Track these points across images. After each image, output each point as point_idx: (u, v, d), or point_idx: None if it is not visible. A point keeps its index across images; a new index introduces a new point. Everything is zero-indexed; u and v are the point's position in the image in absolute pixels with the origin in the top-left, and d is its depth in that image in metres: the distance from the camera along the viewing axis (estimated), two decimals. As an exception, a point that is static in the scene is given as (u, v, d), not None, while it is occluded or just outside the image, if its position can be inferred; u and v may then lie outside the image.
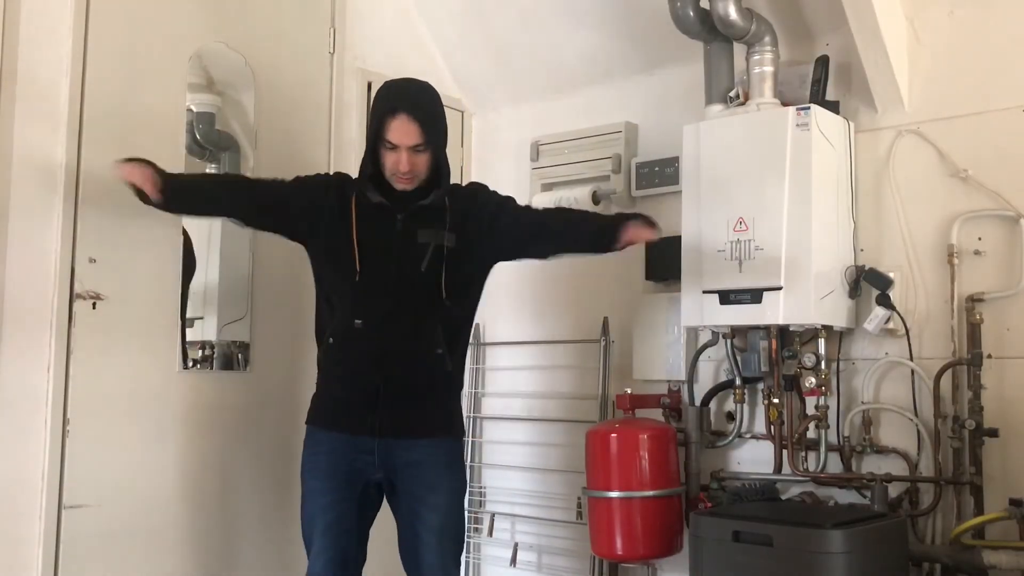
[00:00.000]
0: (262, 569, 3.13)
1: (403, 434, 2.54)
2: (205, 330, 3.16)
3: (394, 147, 2.47)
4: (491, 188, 2.75)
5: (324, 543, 2.52)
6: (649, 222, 2.57)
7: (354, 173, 2.66)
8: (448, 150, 3.97)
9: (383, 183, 2.55)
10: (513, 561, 3.69)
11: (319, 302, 2.68)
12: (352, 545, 2.57)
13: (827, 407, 2.94)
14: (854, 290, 2.92)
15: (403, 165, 2.47)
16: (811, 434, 3.00)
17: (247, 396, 3.14)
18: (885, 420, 2.96)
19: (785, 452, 3.00)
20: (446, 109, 3.86)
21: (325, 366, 2.63)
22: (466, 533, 3.81)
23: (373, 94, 3.60)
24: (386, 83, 2.61)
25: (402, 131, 2.45)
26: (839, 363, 2.99)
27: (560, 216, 2.84)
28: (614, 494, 3.00)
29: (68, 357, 2.69)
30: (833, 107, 2.95)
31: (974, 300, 2.79)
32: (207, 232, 3.22)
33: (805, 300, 2.79)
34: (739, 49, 3.05)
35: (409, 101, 2.50)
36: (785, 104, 2.92)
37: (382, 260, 2.52)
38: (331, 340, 2.57)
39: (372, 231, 2.54)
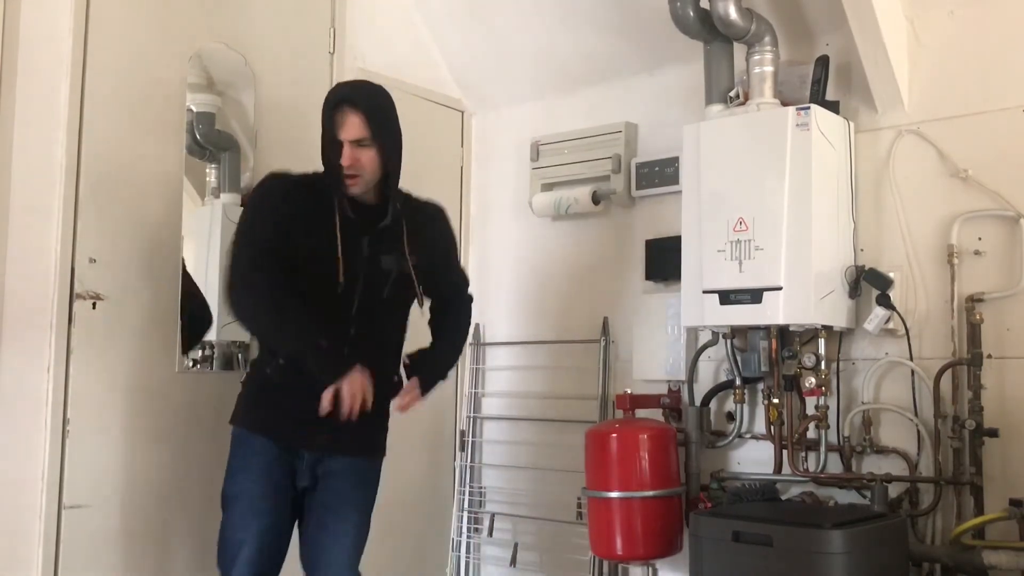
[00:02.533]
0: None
1: (342, 452, 2.50)
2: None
3: (338, 142, 2.41)
4: (448, 218, 2.72)
5: (253, 551, 2.42)
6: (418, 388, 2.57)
7: None
8: (448, 150, 4.03)
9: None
10: (513, 561, 3.69)
11: None
12: (279, 557, 2.49)
13: (827, 407, 2.94)
14: (854, 290, 2.92)
15: (347, 160, 2.39)
16: (811, 434, 3.00)
17: (247, 396, 3.13)
18: (885, 420, 2.96)
19: (785, 452, 3.00)
20: (446, 109, 3.96)
21: (274, 378, 2.48)
22: (462, 534, 3.84)
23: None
24: (336, 83, 2.54)
25: (345, 123, 2.39)
26: (839, 363, 2.99)
27: (449, 319, 2.75)
28: (614, 494, 3.00)
29: (68, 357, 2.69)
30: (833, 107, 2.95)
31: (974, 300, 2.79)
32: (207, 232, 3.22)
33: (805, 300, 2.79)
34: (739, 49, 3.05)
35: (355, 96, 2.44)
36: (785, 104, 2.92)
37: (350, 281, 2.45)
38: (282, 360, 2.45)
39: (347, 250, 2.45)
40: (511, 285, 3.87)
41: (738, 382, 3.12)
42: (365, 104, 2.41)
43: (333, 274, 2.42)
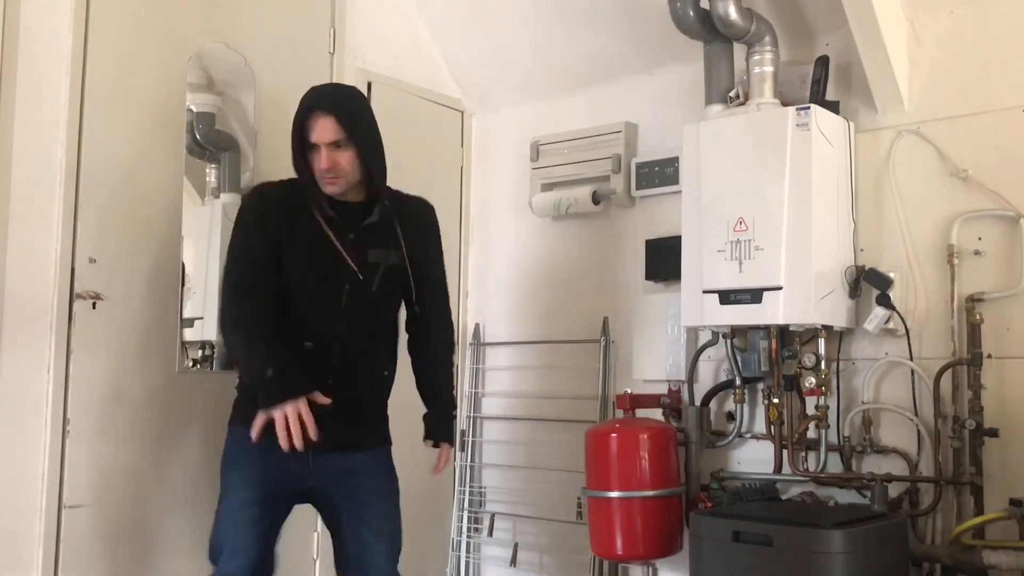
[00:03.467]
0: (262, 569, 3.13)
1: (343, 448, 2.49)
2: (205, 330, 3.16)
3: (315, 146, 2.41)
4: (436, 219, 2.72)
5: (246, 541, 2.41)
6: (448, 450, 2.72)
7: None
8: (448, 150, 4.03)
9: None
10: (513, 561, 3.69)
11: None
12: (271, 551, 2.48)
13: (827, 407, 2.94)
14: (854, 290, 2.92)
15: (324, 162, 2.39)
16: (811, 434, 3.00)
17: (247, 396, 3.13)
18: (885, 420, 2.96)
19: (785, 452, 3.00)
20: (446, 109, 3.97)
21: None
22: (462, 534, 3.85)
23: (378, 92, 3.63)
24: (310, 88, 2.52)
25: (319, 127, 2.39)
26: (839, 363, 2.99)
27: (435, 343, 2.73)
28: (614, 494, 3.01)
29: (68, 357, 2.69)
30: (833, 107, 2.96)
31: (974, 300, 2.79)
32: (207, 232, 3.22)
33: (805, 300, 2.79)
34: (739, 49, 3.05)
35: (325, 100, 2.44)
36: (785, 104, 2.92)
37: (336, 277, 2.47)
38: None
39: (328, 247, 2.47)
40: (511, 285, 3.87)
41: (738, 382, 3.12)
42: (335, 107, 2.42)
43: (320, 272, 2.45)
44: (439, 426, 2.69)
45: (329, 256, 2.46)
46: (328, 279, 2.46)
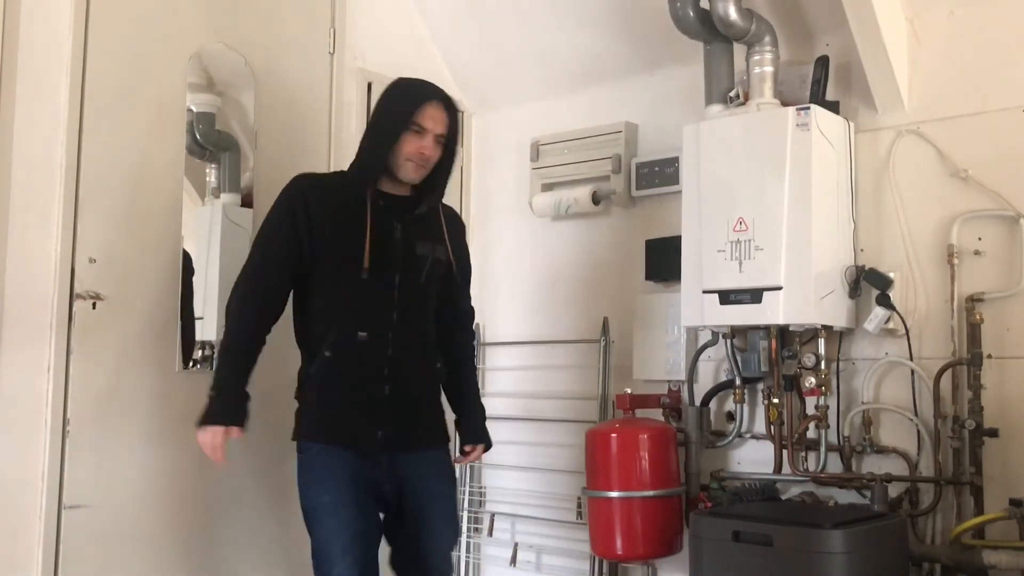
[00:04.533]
0: (262, 568, 3.13)
1: (410, 447, 2.51)
2: (205, 330, 3.16)
3: (422, 131, 2.47)
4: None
5: (355, 556, 2.39)
6: (483, 450, 2.77)
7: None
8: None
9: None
10: (513, 561, 3.69)
11: (307, 313, 2.56)
12: (376, 559, 2.48)
13: (827, 407, 2.94)
14: (854, 290, 2.92)
15: (428, 149, 2.47)
16: (811, 434, 3.00)
17: (247, 396, 3.13)
18: (885, 420, 2.96)
19: (785, 452, 3.00)
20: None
21: (320, 380, 2.50)
22: (464, 533, 3.85)
23: (378, 92, 3.59)
24: (404, 79, 2.61)
25: (436, 117, 2.49)
26: (839, 363, 2.99)
27: (463, 344, 2.80)
28: (614, 494, 3.01)
29: (68, 357, 2.69)
30: (833, 107, 2.95)
31: (974, 300, 2.79)
32: (207, 232, 3.22)
33: (805, 300, 2.79)
34: (739, 49, 3.05)
35: (441, 94, 2.55)
36: (785, 104, 2.92)
37: (387, 267, 2.49)
38: (328, 354, 2.46)
39: (378, 236, 2.49)
40: (511, 285, 3.87)
41: (738, 382, 3.12)
42: (449, 106, 2.53)
43: (363, 260, 2.46)
44: (481, 428, 2.74)
45: (379, 246, 2.48)
46: (379, 269, 2.47)
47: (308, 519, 2.47)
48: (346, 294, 2.48)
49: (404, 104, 2.51)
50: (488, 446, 2.77)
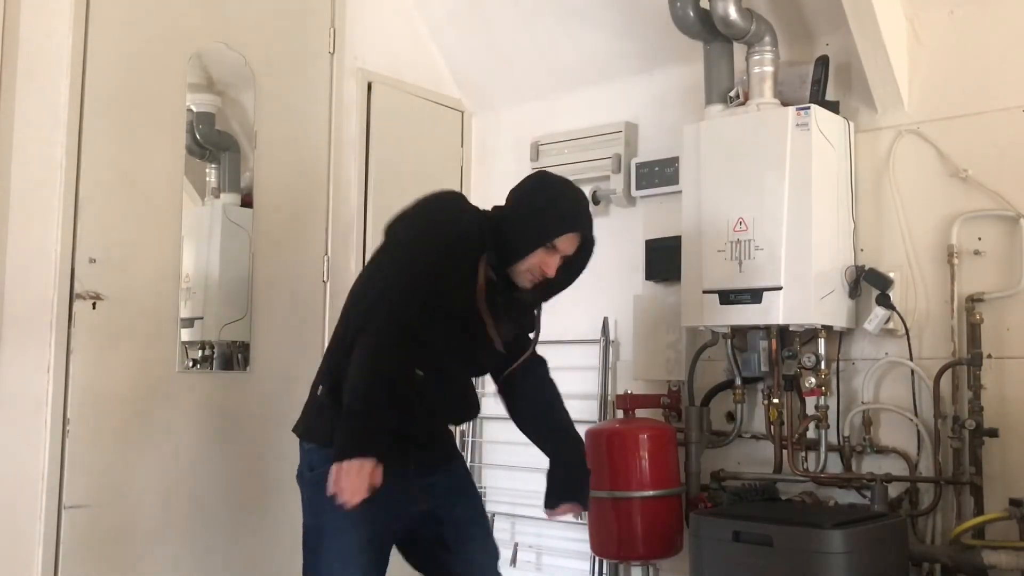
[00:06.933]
0: (262, 569, 3.13)
1: (438, 465, 2.37)
2: (205, 330, 3.16)
3: (553, 250, 2.24)
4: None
5: None
6: (581, 506, 2.38)
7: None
8: (448, 150, 4.03)
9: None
10: (513, 561, 3.69)
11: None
12: None
13: (827, 407, 2.94)
14: (854, 290, 2.92)
15: (551, 270, 2.25)
16: (811, 434, 3.00)
17: (247, 396, 3.14)
18: (885, 420, 2.96)
19: (785, 452, 3.00)
20: (446, 109, 3.97)
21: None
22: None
23: (378, 92, 3.62)
24: (557, 179, 2.34)
25: (569, 241, 2.25)
26: (839, 363, 2.99)
27: (553, 411, 2.52)
28: (614, 494, 3.00)
29: (68, 357, 2.69)
30: (833, 107, 2.96)
31: (974, 300, 2.79)
32: (207, 232, 3.22)
33: (805, 300, 2.79)
34: (739, 49, 3.05)
35: (587, 224, 2.29)
36: (785, 104, 2.92)
37: (475, 345, 2.31)
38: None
39: (483, 311, 2.27)
40: (511, 285, 3.87)
41: (738, 382, 3.12)
42: (586, 231, 2.29)
43: (464, 334, 2.28)
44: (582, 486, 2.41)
45: (475, 321, 2.27)
46: (467, 345, 2.30)
47: (307, 540, 2.26)
48: (423, 340, 2.23)
49: (542, 225, 2.25)
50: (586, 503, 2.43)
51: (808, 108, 2.82)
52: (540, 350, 2.58)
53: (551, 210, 2.28)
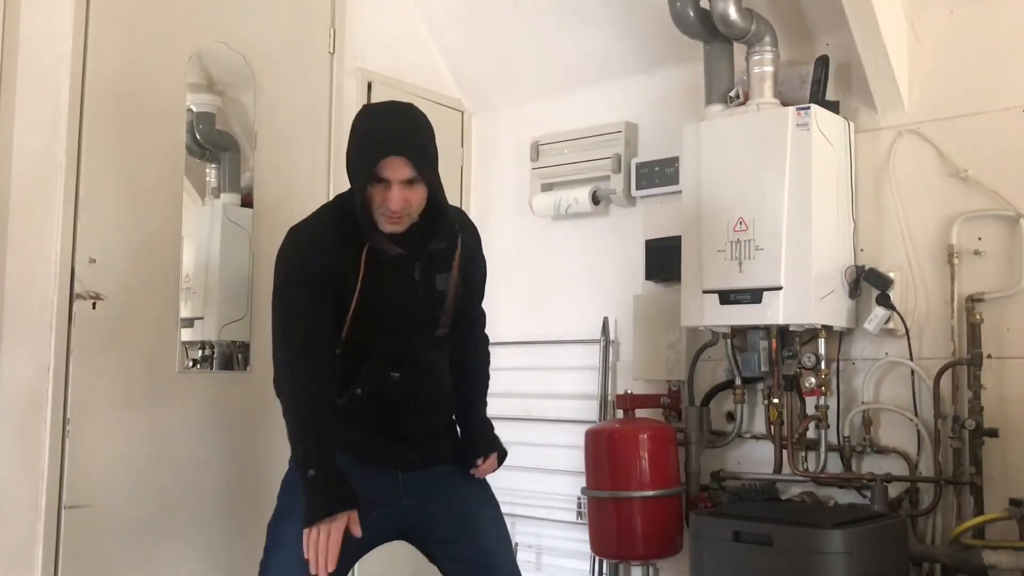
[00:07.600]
0: (262, 569, 3.13)
1: (428, 465, 2.35)
2: (205, 330, 3.16)
3: (383, 181, 2.13)
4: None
5: None
6: (498, 461, 2.48)
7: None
8: (448, 150, 4.01)
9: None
10: (513, 561, 3.69)
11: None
12: None
13: (827, 407, 2.94)
14: (854, 290, 2.92)
15: (395, 202, 2.12)
16: (811, 434, 3.00)
17: (247, 396, 3.13)
18: (885, 420, 2.96)
19: (785, 452, 3.00)
20: (446, 109, 3.96)
21: (350, 410, 2.29)
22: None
23: (378, 92, 3.61)
24: (368, 112, 2.28)
25: (391, 166, 2.12)
26: (839, 363, 2.99)
27: (475, 357, 2.52)
28: (614, 494, 3.00)
29: (68, 357, 2.69)
30: (833, 107, 2.96)
31: (974, 300, 2.79)
32: (207, 232, 3.22)
33: (805, 300, 2.79)
34: (739, 49, 3.05)
35: (396, 144, 2.14)
36: (785, 104, 2.92)
37: (413, 314, 2.28)
38: (359, 391, 2.27)
39: (389, 283, 2.25)
40: (511, 285, 3.87)
41: (738, 382, 3.12)
42: (406, 150, 2.15)
43: (397, 309, 2.25)
44: (486, 438, 2.51)
45: (402, 294, 2.25)
46: (406, 316, 2.27)
47: (269, 540, 2.28)
48: (374, 341, 2.27)
49: (360, 158, 2.18)
50: (501, 454, 2.53)
51: (808, 108, 2.82)
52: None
53: (366, 141, 2.17)
